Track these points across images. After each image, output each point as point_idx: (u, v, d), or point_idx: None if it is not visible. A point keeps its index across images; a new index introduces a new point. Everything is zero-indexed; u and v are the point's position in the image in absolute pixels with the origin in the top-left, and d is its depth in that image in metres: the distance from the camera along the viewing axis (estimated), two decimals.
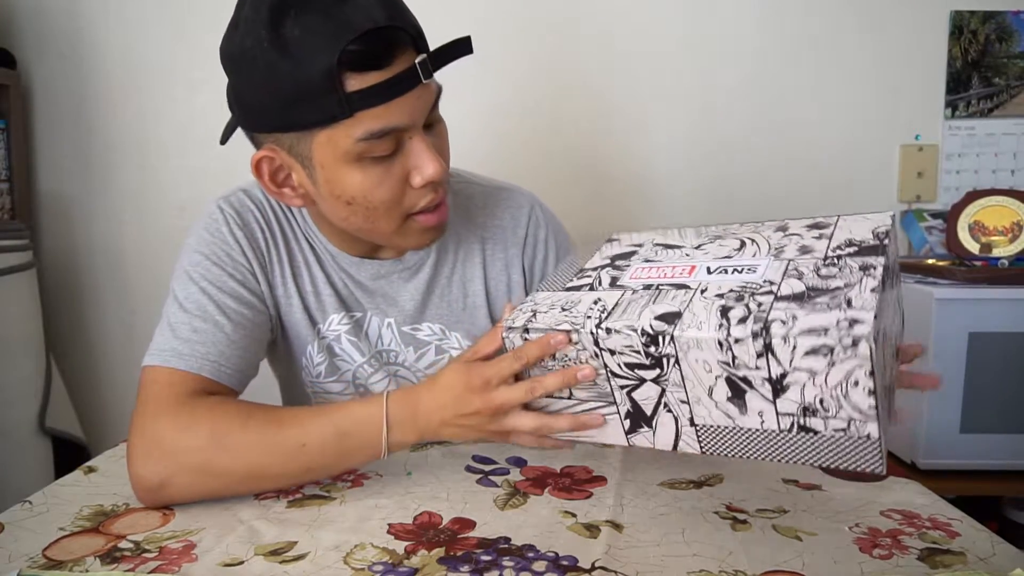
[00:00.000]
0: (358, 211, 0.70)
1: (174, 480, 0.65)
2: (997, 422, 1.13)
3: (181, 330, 0.72)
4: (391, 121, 0.65)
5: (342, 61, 0.60)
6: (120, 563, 0.56)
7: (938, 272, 1.19)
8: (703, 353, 0.53)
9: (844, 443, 0.51)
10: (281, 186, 0.72)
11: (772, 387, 0.51)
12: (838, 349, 0.48)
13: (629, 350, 0.55)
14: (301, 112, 0.64)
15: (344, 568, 0.56)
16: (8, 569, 0.55)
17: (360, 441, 0.66)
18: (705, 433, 0.56)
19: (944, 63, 1.52)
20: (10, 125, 1.48)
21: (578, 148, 1.55)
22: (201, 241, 0.77)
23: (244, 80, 0.66)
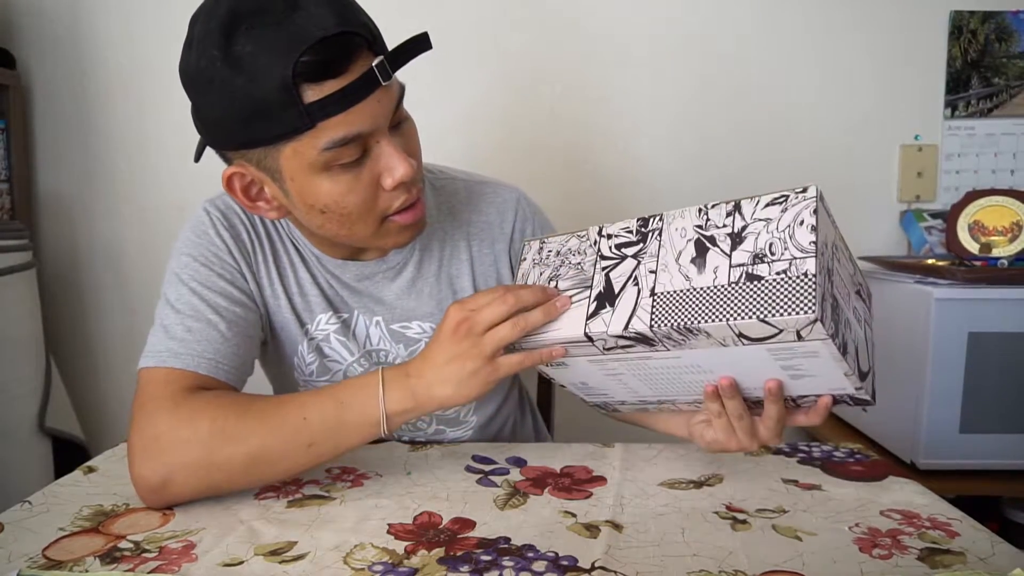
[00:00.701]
0: (332, 218, 0.70)
1: (176, 477, 0.65)
2: (997, 422, 1.13)
3: (175, 330, 0.72)
4: (353, 127, 0.64)
5: (297, 73, 0.59)
6: (120, 563, 0.56)
7: (938, 272, 1.19)
8: (684, 220, 0.62)
9: (783, 287, 0.54)
10: (255, 200, 0.72)
11: (732, 241, 0.58)
12: (791, 196, 0.57)
13: (624, 232, 0.66)
14: (262, 128, 0.63)
15: (344, 568, 0.56)
16: (8, 569, 0.55)
17: (359, 411, 0.67)
18: (660, 302, 0.59)
19: (944, 63, 1.52)
20: (10, 125, 1.48)
21: (572, 146, 1.55)
22: (189, 243, 0.78)
23: (203, 99, 0.65)
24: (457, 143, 1.51)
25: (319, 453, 0.67)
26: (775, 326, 0.53)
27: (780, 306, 0.53)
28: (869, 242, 1.54)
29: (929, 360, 1.12)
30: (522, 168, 1.53)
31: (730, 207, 0.59)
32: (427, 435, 0.89)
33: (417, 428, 0.89)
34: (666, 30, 1.51)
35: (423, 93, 1.52)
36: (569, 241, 0.70)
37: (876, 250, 1.52)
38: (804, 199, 0.56)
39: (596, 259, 0.66)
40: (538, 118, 1.54)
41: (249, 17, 0.60)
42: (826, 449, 0.84)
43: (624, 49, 1.52)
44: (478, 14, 1.51)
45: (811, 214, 0.55)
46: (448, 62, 1.50)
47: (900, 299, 1.20)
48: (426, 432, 0.89)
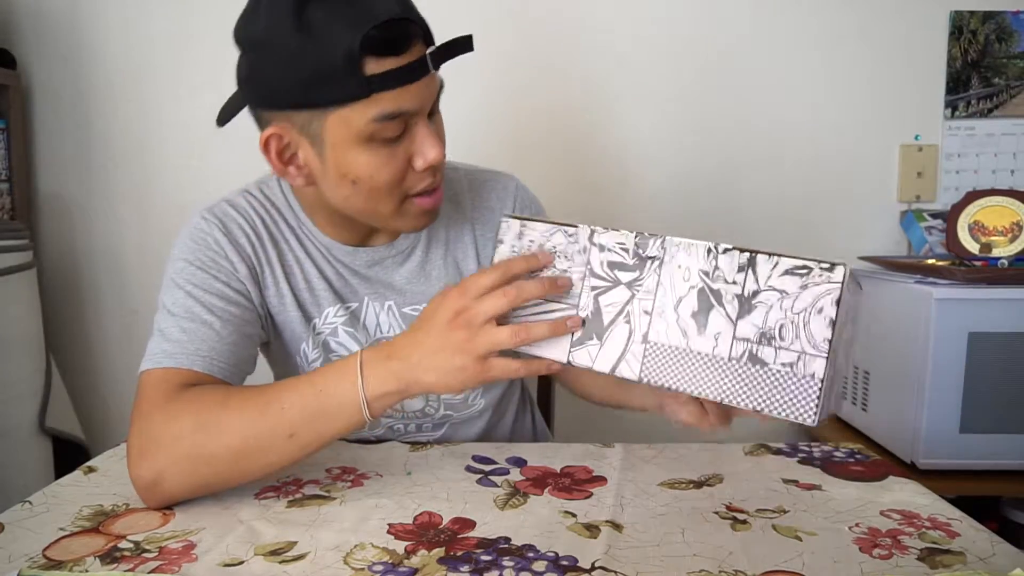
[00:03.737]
0: (361, 191, 0.73)
1: (167, 473, 0.65)
2: (997, 422, 1.13)
3: (171, 333, 0.73)
4: (403, 105, 0.68)
5: (363, 45, 0.64)
6: (120, 563, 0.57)
7: (938, 272, 1.19)
8: (689, 259, 0.56)
9: (786, 381, 0.52)
10: (287, 164, 0.75)
11: (740, 305, 0.53)
12: (816, 271, 0.50)
13: (619, 247, 0.59)
14: (321, 91, 0.67)
15: (344, 568, 0.56)
16: (8, 569, 0.55)
17: (338, 398, 0.65)
18: (652, 353, 0.56)
19: (944, 63, 1.52)
20: (10, 125, 1.48)
21: (571, 145, 1.55)
22: (185, 249, 0.79)
23: (264, 59, 0.68)
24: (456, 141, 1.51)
25: (302, 444, 0.66)
26: (768, 416, 0.52)
27: (779, 402, 0.52)
28: (869, 242, 1.54)
29: (929, 360, 1.12)
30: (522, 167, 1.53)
31: (743, 259, 0.54)
32: (434, 420, 0.90)
33: (425, 414, 0.89)
34: (666, 30, 1.51)
35: None
36: (554, 236, 0.64)
37: (876, 250, 1.52)
38: (828, 281, 0.50)
39: (586, 273, 0.61)
40: (538, 116, 1.54)
41: None
42: (826, 449, 0.84)
43: (624, 48, 1.52)
44: (478, 13, 1.51)
45: (833, 304, 0.49)
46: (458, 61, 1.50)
47: (900, 299, 1.20)
48: (434, 418, 0.90)
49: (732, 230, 1.55)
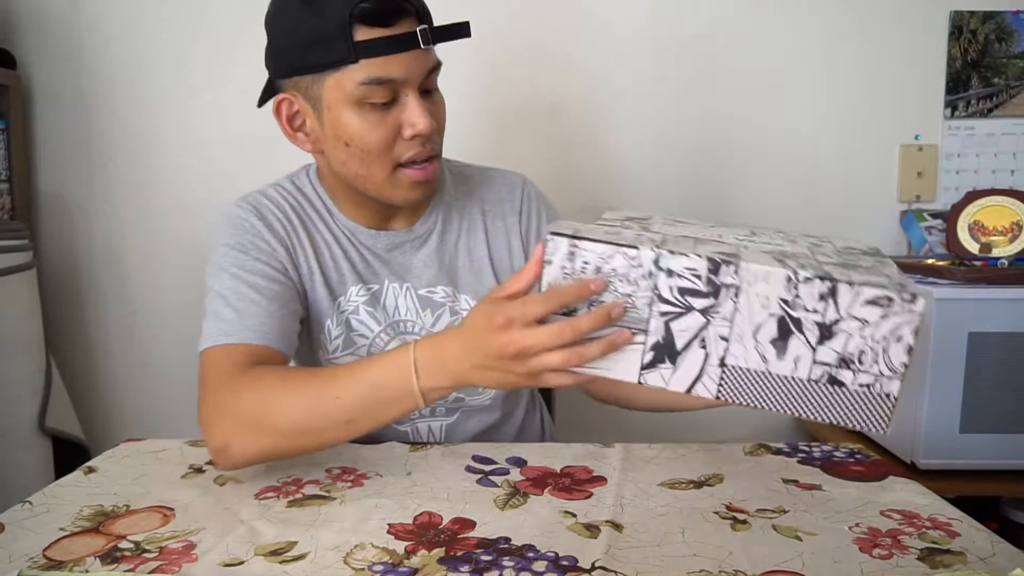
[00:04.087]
0: (354, 153, 0.80)
1: (234, 440, 0.71)
2: (997, 422, 1.13)
3: (223, 313, 0.79)
4: (389, 72, 0.76)
5: (354, 15, 0.73)
6: (120, 563, 0.57)
7: (938, 272, 1.19)
8: (769, 287, 0.55)
9: (863, 400, 0.55)
10: (296, 130, 0.84)
11: (820, 332, 0.55)
12: (897, 301, 0.52)
13: (690, 273, 0.56)
14: (317, 54, 0.76)
15: (344, 568, 0.56)
16: (8, 569, 0.55)
17: (394, 392, 0.68)
18: (730, 376, 0.57)
19: (944, 63, 1.52)
20: (10, 125, 1.48)
21: (571, 145, 1.55)
22: (224, 235, 0.86)
23: (276, 32, 0.79)
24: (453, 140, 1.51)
25: (359, 428, 0.71)
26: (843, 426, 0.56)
27: (854, 417, 0.56)
28: (869, 242, 1.54)
29: (929, 360, 1.12)
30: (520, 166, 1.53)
31: (825, 288, 0.54)
32: (447, 404, 0.93)
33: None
34: (666, 29, 1.51)
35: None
36: (613, 259, 0.58)
37: None
38: (909, 311, 0.53)
39: (652, 298, 0.58)
40: (537, 116, 1.54)
41: None
42: (826, 449, 0.84)
43: (623, 47, 1.52)
44: (477, 9, 1.51)
45: (912, 332, 0.53)
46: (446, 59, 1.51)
47: None
48: (447, 400, 0.92)
49: None
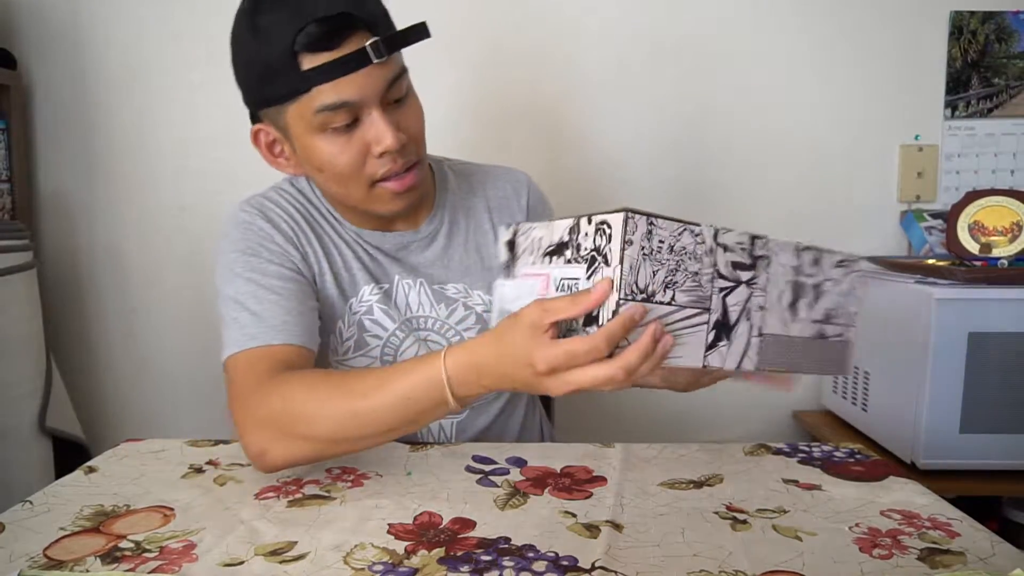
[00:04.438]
0: (329, 177, 0.80)
1: (272, 446, 0.70)
2: (997, 422, 1.13)
3: (242, 318, 0.79)
4: (343, 96, 0.74)
5: (298, 42, 0.71)
6: (120, 563, 0.57)
7: (938, 272, 1.19)
8: (787, 256, 0.64)
9: (836, 349, 0.68)
10: (277, 156, 0.84)
11: (815, 293, 0.66)
12: (856, 262, 0.68)
13: (739, 247, 0.62)
14: (271, 88, 0.75)
15: (344, 568, 0.56)
16: (9, 569, 0.55)
17: (428, 403, 0.67)
18: (766, 344, 0.64)
19: (944, 63, 1.52)
20: (10, 125, 1.48)
21: (571, 145, 1.55)
22: (233, 240, 0.84)
23: (236, 63, 0.78)
24: (452, 140, 1.52)
25: (400, 432, 0.71)
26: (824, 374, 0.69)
27: (832, 365, 0.68)
28: (869, 242, 1.54)
29: (929, 360, 1.12)
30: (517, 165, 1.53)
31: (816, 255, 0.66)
32: None
33: None
34: (665, 29, 1.51)
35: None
36: (682, 236, 0.59)
37: (876, 250, 1.52)
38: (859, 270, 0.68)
39: (713, 275, 0.60)
40: (536, 116, 1.54)
41: None
42: (826, 449, 0.84)
43: (623, 47, 1.52)
44: (474, 10, 1.51)
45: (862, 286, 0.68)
46: (443, 58, 1.51)
47: (900, 299, 1.20)
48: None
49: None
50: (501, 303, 0.69)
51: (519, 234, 0.69)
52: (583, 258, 0.59)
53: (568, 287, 0.60)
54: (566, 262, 0.61)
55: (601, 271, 0.57)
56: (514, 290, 0.67)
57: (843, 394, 1.42)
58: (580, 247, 0.60)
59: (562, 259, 0.61)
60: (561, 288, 0.60)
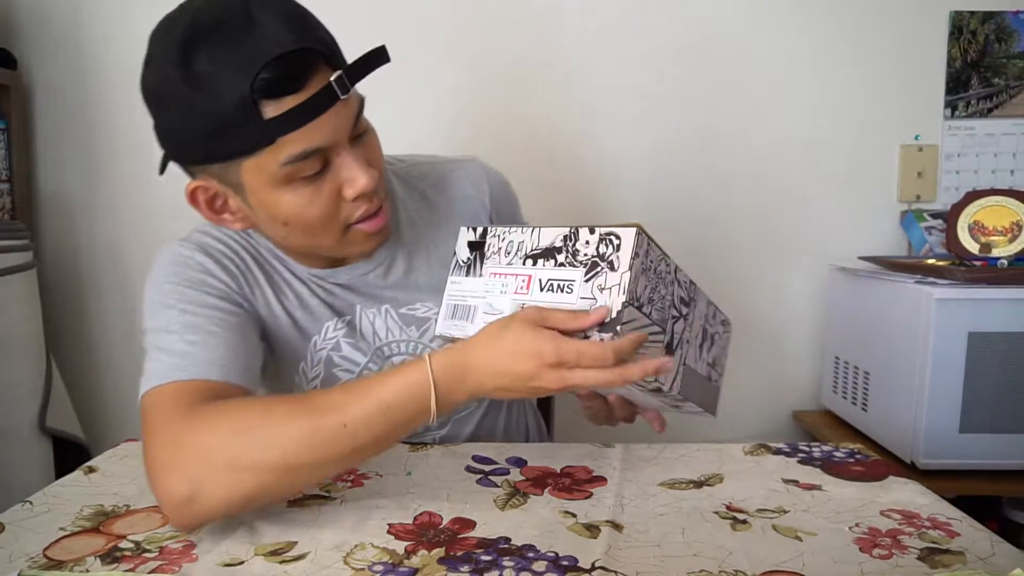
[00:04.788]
0: (296, 229, 0.71)
1: (205, 486, 0.59)
2: (997, 422, 1.13)
3: (175, 347, 0.68)
4: (313, 142, 0.65)
5: (256, 89, 0.61)
6: (120, 563, 0.57)
7: (938, 272, 1.19)
8: (703, 304, 0.73)
9: (713, 391, 0.77)
10: (220, 212, 0.73)
11: (711, 341, 0.75)
12: (728, 323, 0.80)
13: (686, 284, 0.69)
14: (222, 144, 0.64)
15: (344, 568, 0.56)
16: (9, 569, 0.55)
17: (407, 413, 0.61)
18: (686, 373, 0.70)
19: (944, 63, 1.52)
20: (10, 125, 1.48)
21: (570, 146, 1.55)
22: (167, 273, 0.74)
23: (163, 116, 0.66)
24: (452, 141, 1.51)
25: (362, 457, 0.63)
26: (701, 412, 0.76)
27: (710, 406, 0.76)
28: (869, 242, 1.54)
29: (929, 360, 1.12)
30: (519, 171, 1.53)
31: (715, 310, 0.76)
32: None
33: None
34: (665, 29, 1.51)
35: (416, 91, 1.52)
36: (661, 263, 0.65)
37: (876, 250, 1.52)
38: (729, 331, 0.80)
39: (673, 302, 0.67)
40: (534, 119, 1.54)
41: (207, 34, 0.61)
42: (826, 449, 0.84)
43: (622, 47, 1.52)
44: (477, 12, 1.51)
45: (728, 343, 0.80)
46: (443, 59, 1.51)
47: (900, 299, 1.20)
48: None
49: (732, 230, 1.55)
50: (458, 298, 0.69)
51: (490, 235, 0.70)
52: (581, 263, 0.62)
53: (558, 286, 0.63)
54: (557, 265, 0.64)
55: (604, 275, 0.61)
56: (482, 285, 0.68)
57: (843, 394, 1.42)
58: (577, 253, 0.63)
59: (551, 262, 0.64)
60: (548, 287, 0.64)
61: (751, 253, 1.56)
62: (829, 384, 1.49)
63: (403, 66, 1.51)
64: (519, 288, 0.65)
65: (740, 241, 1.56)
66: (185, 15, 0.63)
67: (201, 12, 0.62)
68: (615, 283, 0.60)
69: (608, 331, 0.59)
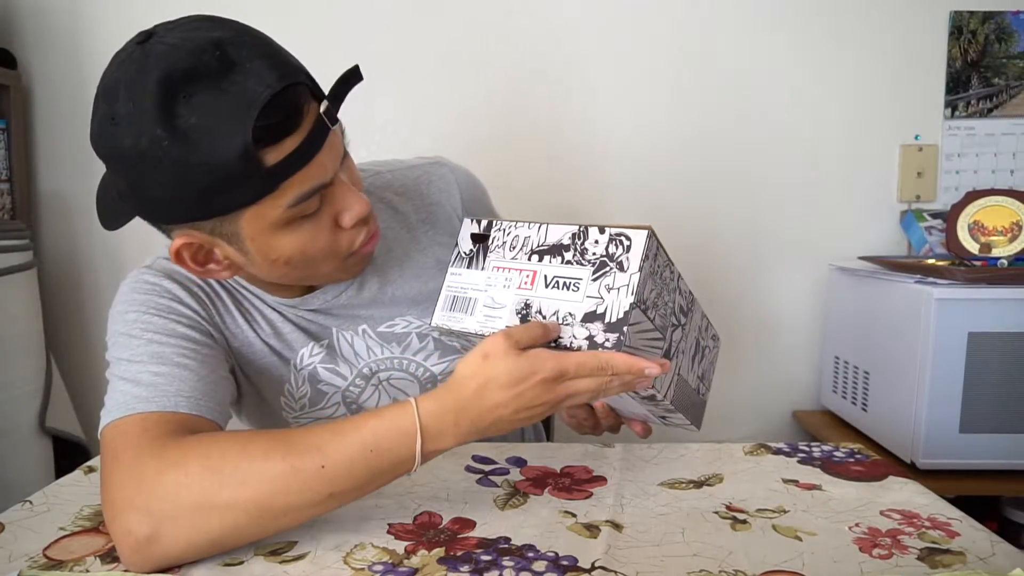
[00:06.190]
0: (297, 266, 0.68)
1: (166, 528, 0.55)
2: (997, 422, 1.13)
3: (141, 377, 0.64)
4: (315, 180, 0.62)
5: (257, 138, 0.56)
6: (120, 563, 0.56)
7: (938, 272, 1.19)
8: (698, 316, 0.74)
9: (700, 405, 0.77)
10: (204, 264, 0.67)
11: (702, 354, 0.76)
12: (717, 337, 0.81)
13: (687, 293, 0.70)
14: (222, 199, 0.60)
15: (344, 568, 0.56)
16: (9, 569, 0.55)
17: (391, 458, 0.58)
18: (679, 383, 0.70)
19: (944, 63, 1.52)
20: (10, 125, 1.48)
21: (570, 148, 1.55)
22: (132, 302, 0.70)
23: (144, 177, 0.58)
24: (452, 141, 1.51)
25: (342, 501, 0.59)
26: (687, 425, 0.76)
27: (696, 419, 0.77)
28: (869, 242, 1.54)
29: (929, 360, 1.12)
30: (517, 172, 1.53)
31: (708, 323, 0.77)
32: None
33: None
34: (665, 30, 1.51)
35: (420, 95, 1.52)
36: (667, 268, 0.65)
37: (876, 250, 1.53)
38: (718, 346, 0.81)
39: (673, 309, 0.67)
40: (536, 122, 1.54)
41: (185, 84, 0.55)
42: (826, 449, 0.84)
43: (622, 47, 1.52)
44: (477, 13, 1.51)
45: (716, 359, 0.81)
46: (443, 60, 1.51)
47: (900, 299, 1.20)
48: None
49: (732, 230, 1.55)
50: (458, 290, 0.69)
51: (495, 228, 0.69)
52: (589, 261, 0.62)
53: (564, 284, 0.63)
54: (564, 263, 0.64)
55: (613, 275, 0.61)
56: (484, 279, 0.68)
57: (843, 394, 1.42)
58: (586, 251, 0.63)
59: (558, 259, 0.64)
60: (553, 284, 0.64)
61: (751, 253, 1.56)
62: (829, 384, 1.49)
63: (404, 67, 1.53)
64: (523, 283, 0.65)
65: (740, 241, 1.56)
66: (150, 66, 0.56)
67: (171, 61, 0.56)
68: (623, 284, 0.60)
69: (615, 331, 0.59)
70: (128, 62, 0.57)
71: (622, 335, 0.59)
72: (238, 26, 0.61)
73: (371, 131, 1.52)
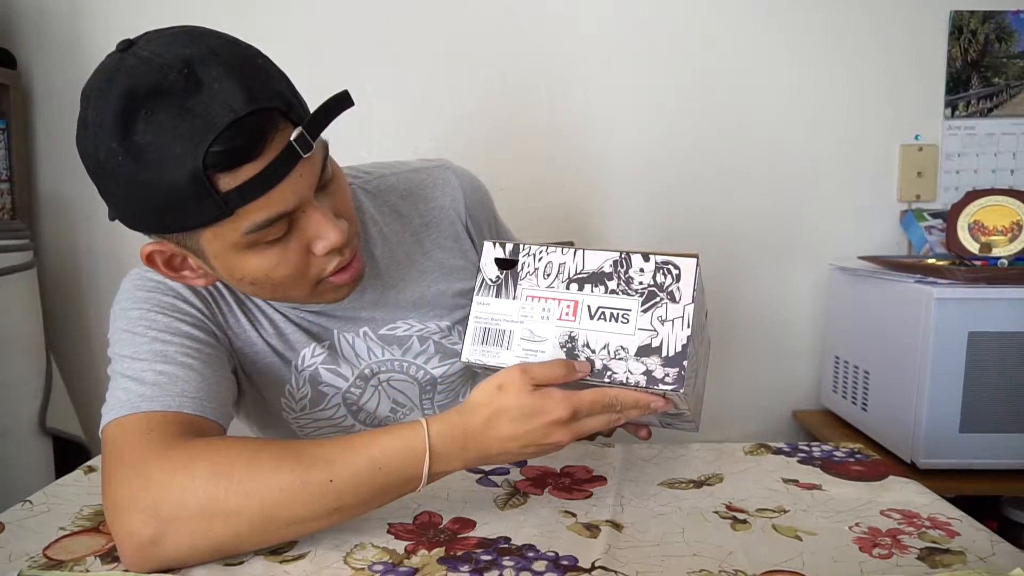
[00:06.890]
0: (264, 288, 0.66)
1: (170, 531, 0.54)
2: (997, 422, 1.13)
3: (145, 376, 0.63)
4: (276, 208, 0.59)
5: (208, 164, 0.54)
6: (120, 563, 0.57)
7: (938, 272, 1.19)
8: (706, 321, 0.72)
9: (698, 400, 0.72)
10: (179, 270, 0.67)
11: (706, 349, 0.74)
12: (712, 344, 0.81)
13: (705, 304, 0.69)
14: (175, 218, 0.58)
15: (344, 568, 0.56)
16: (9, 569, 0.55)
17: (398, 477, 0.58)
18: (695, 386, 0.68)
19: (944, 63, 1.52)
20: (10, 125, 1.48)
21: (570, 150, 1.55)
22: (135, 299, 0.69)
23: (108, 184, 0.59)
24: (451, 142, 1.52)
25: (345, 517, 0.59)
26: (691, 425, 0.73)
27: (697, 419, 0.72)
28: (869, 242, 1.54)
29: (929, 360, 1.12)
30: (516, 171, 1.53)
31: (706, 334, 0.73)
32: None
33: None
34: (665, 30, 1.51)
35: (421, 97, 1.52)
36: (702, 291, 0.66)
37: (876, 250, 1.53)
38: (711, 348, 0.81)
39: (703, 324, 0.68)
40: (535, 122, 1.54)
41: (147, 101, 0.55)
42: (826, 449, 0.84)
43: (622, 47, 1.52)
44: (476, 13, 1.51)
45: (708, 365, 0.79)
46: (442, 60, 1.51)
47: (900, 299, 1.20)
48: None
49: (732, 230, 1.55)
50: (488, 321, 0.65)
51: (522, 254, 0.65)
52: (636, 291, 0.61)
53: (611, 315, 0.61)
54: (608, 292, 0.62)
55: (665, 307, 0.60)
56: (518, 309, 0.64)
57: (843, 394, 1.42)
58: (631, 280, 0.61)
59: (601, 288, 0.62)
60: (599, 315, 0.61)
61: (751, 253, 1.56)
62: (829, 384, 1.49)
63: (404, 68, 1.53)
64: (564, 314, 0.62)
65: (740, 241, 1.56)
66: (119, 78, 0.56)
67: (138, 75, 0.55)
68: (677, 315, 0.59)
69: (674, 366, 0.58)
70: (103, 71, 0.58)
71: (682, 370, 0.57)
72: (218, 42, 0.59)
73: (371, 131, 1.52)
